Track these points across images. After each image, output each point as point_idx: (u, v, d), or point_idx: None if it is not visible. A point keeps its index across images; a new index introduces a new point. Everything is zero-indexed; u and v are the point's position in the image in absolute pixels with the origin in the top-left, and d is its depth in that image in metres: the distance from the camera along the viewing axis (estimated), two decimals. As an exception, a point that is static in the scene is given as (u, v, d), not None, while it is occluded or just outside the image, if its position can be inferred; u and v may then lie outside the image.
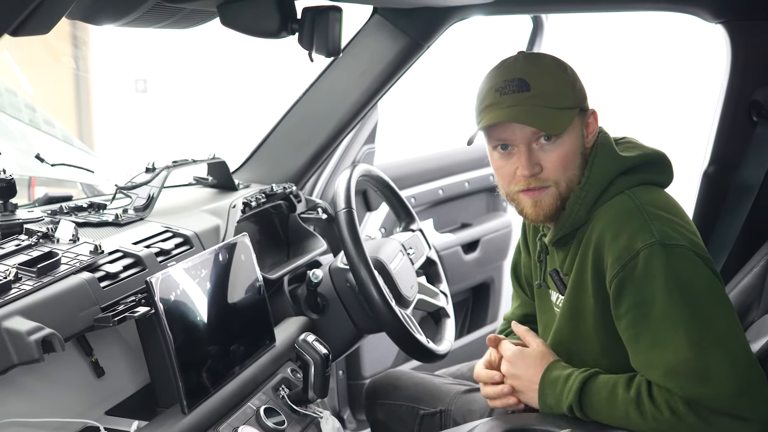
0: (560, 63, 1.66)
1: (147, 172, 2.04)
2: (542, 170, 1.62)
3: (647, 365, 1.53)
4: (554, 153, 1.61)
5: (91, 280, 1.52)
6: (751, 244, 2.06)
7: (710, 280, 1.53)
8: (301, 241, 2.39)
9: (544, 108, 1.59)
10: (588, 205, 1.62)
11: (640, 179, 1.63)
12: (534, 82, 1.60)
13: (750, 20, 2.20)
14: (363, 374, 2.86)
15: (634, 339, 1.54)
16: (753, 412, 1.45)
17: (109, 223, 1.88)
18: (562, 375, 1.61)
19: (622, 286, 1.53)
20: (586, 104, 1.67)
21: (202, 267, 1.68)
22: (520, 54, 1.67)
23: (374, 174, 2.31)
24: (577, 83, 1.66)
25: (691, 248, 1.53)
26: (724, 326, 1.50)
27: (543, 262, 1.79)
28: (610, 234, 1.56)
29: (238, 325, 1.78)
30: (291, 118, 2.54)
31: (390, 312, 2.00)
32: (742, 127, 2.25)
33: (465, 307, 3.47)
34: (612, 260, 1.54)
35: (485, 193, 3.48)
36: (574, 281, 1.65)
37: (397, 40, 2.39)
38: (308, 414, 1.80)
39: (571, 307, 1.67)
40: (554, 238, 1.69)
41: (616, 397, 1.54)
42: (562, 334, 1.71)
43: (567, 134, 1.61)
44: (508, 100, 1.60)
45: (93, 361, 1.58)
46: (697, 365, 1.46)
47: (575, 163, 1.63)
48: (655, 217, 1.55)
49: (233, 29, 1.66)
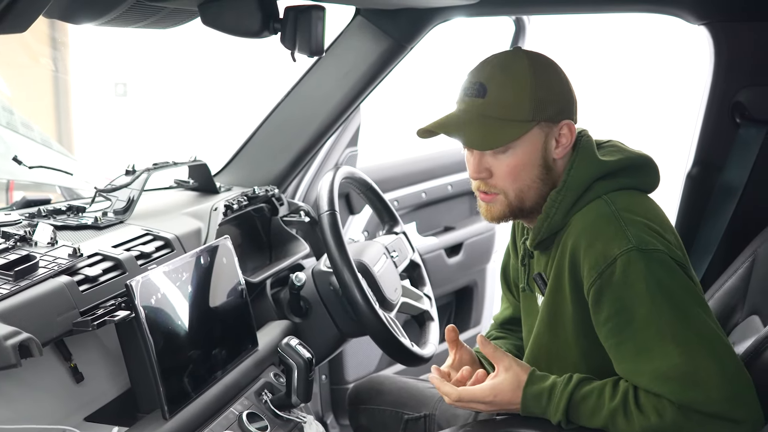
0: (537, 70, 1.58)
1: (127, 174, 2.01)
2: (491, 176, 1.61)
3: (634, 372, 1.51)
4: (504, 162, 1.59)
5: (70, 283, 1.50)
6: (734, 245, 2.06)
7: (689, 285, 1.52)
8: (283, 244, 2.38)
9: (492, 119, 1.57)
10: (564, 209, 1.60)
11: (620, 184, 1.61)
12: (492, 89, 1.57)
13: (733, 21, 2.21)
14: (346, 378, 2.84)
15: (618, 346, 1.52)
16: (744, 413, 1.44)
17: (88, 226, 1.85)
18: (543, 388, 1.58)
19: (600, 293, 1.51)
20: (560, 117, 1.60)
21: (184, 270, 1.66)
22: (508, 51, 1.64)
23: (357, 176, 2.30)
24: (547, 93, 1.58)
25: (667, 253, 1.51)
26: (708, 330, 1.49)
27: (527, 266, 1.77)
28: (585, 240, 1.54)
29: (220, 329, 1.76)
30: (273, 120, 2.52)
31: (374, 315, 1.98)
32: (726, 128, 2.25)
33: (448, 310, 3.46)
34: (588, 267, 1.52)
35: (468, 197, 3.47)
36: (552, 287, 1.63)
37: (380, 42, 2.37)
38: (291, 419, 1.78)
39: (550, 313, 1.66)
40: (534, 242, 1.67)
41: (602, 404, 1.52)
42: (542, 338, 1.70)
43: (521, 146, 1.58)
44: (464, 104, 1.60)
45: (72, 367, 1.55)
46: (687, 370, 1.45)
47: (529, 175, 1.60)
48: (630, 223, 1.53)
49: (214, 29, 1.64)
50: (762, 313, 1.83)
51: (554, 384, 1.57)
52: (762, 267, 1.90)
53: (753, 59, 2.21)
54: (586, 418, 1.54)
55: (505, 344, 1.92)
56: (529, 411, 1.59)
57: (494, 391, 1.60)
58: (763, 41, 2.19)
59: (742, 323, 1.89)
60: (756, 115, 2.21)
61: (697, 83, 2.32)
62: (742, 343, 1.76)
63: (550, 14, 2.87)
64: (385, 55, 2.39)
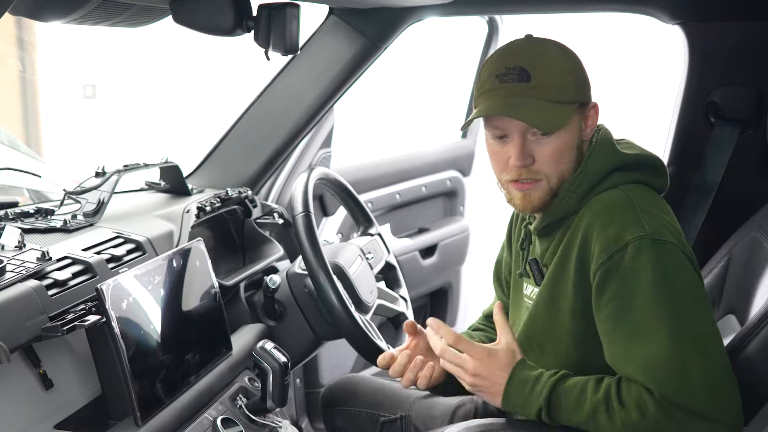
0: (567, 53, 1.62)
1: (97, 176, 1.97)
2: (534, 162, 1.59)
3: (624, 357, 1.51)
4: (548, 146, 1.58)
5: (38, 288, 1.46)
6: (710, 245, 2.07)
7: (695, 281, 1.53)
8: (257, 246, 2.35)
9: (543, 102, 1.55)
10: (580, 194, 1.61)
11: (636, 178, 1.62)
12: (535, 73, 1.56)
13: (707, 21, 2.22)
14: (321, 382, 2.82)
15: (612, 330, 1.53)
16: (723, 413, 1.44)
17: (57, 229, 1.81)
18: (530, 376, 1.58)
19: (606, 276, 1.52)
20: (588, 96, 1.63)
21: (155, 273, 1.63)
22: (526, 38, 1.64)
23: (332, 177, 2.28)
24: (581, 75, 1.62)
25: (679, 246, 1.52)
26: (704, 327, 1.49)
27: (525, 250, 1.77)
28: (599, 224, 1.55)
29: (193, 333, 1.73)
30: (246, 121, 2.50)
31: (349, 318, 1.97)
32: (700, 128, 2.26)
33: (423, 312, 3.45)
34: (599, 250, 1.53)
35: (442, 198, 3.47)
36: (554, 270, 1.63)
37: (354, 41, 2.36)
38: (267, 424, 1.75)
39: (547, 297, 1.65)
40: (540, 225, 1.67)
41: (585, 399, 1.52)
42: (535, 324, 1.68)
43: (565, 128, 1.58)
44: (507, 89, 1.57)
45: (41, 373, 1.51)
46: (674, 362, 1.45)
47: (569, 157, 1.61)
48: (647, 212, 1.54)
49: (186, 27, 1.61)
50: (738, 312, 1.84)
51: (541, 374, 1.58)
52: (737, 266, 1.91)
53: (727, 59, 2.22)
54: (568, 411, 1.54)
55: (480, 335, 1.92)
56: (511, 398, 1.58)
57: (489, 354, 1.59)
58: (737, 41, 2.20)
59: (719, 323, 1.89)
60: (730, 114, 2.22)
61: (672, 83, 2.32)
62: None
63: (524, 14, 2.87)
64: (359, 54, 2.37)
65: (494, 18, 3.23)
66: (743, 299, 1.81)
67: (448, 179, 3.41)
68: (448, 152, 3.39)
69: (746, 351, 1.58)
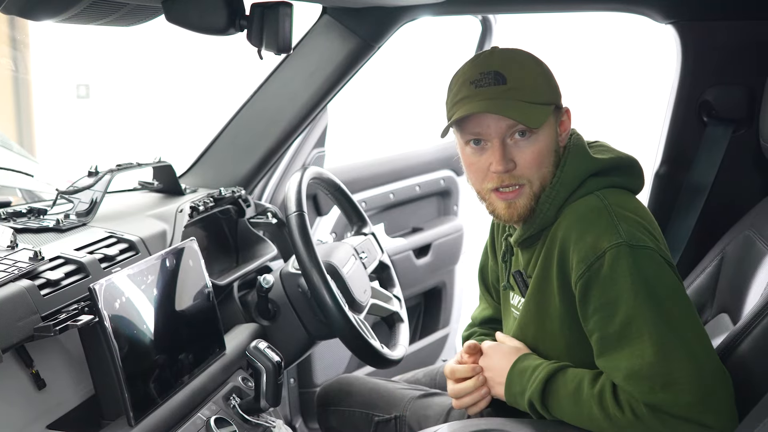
0: (536, 59, 1.64)
1: (89, 176, 1.97)
2: (516, 167, 1.59)
3: (611, 367, 1.51)
4: (529, 149, 1.58)
5: (31, 287, 1.46)
6: (703, 244, 2.07)
7: (675, 284, 1.52)
8: (250, 246, 2.35)
9: (521, 102, 1.56)
10: (557, 204, 1.60)
11: (611, 182, 1.61)
12: (511, 76, 1.57)
13: (699, 20, 2.22)
14: (315, 381, 2.81)
15: (600, 340, 1.52)
16: (714, 419, 1.43)
17: (49, 229, 1.80)
18: (531, 365, 1.60)
19: (588, 286, 1.51)
20: (561, 101, 1.64)
21: (149, 273, 1.63)
22: (496, 48, 1.64)
23: (325, 177, 2.27)
24: (552, 79, 1.63)
25: (657, 251, 1.51)
26: (690, 331, 1.48)
27: (508, 263, 1.76)
28: (575, 233, 1.54)
29: (186, 333, 1.73)
30: (239, 120, 2.49)
31: (343, 317, 1.96)
32: (693, 127, 2.26)
33: (417, 312, 3.44)
34: (577, 260, 1.52)
35: (436, 197, 3.47)
36: (537, 280, 1.63)
37: (347, 41, 2.35)
38: (260, 423, 1.75)
39: (534, 306, 1.65)
40: (521, 238, 1.66)
41: (581, 392, 1.53)
42: (525, 333, 1.69)
43: (542, 131, 1.58)
44: (484, 93, 1.57)
45: (33, 373, 1.51)
46: (660, 370, 1.44)
47: (549, 161, 1.61)
48: (622, 218, 1.53)
49: (179, 26, 1.61)
50: (731, 311, 1.84)
51: (540, 363, 1.60)
52: (730, 265, 1.91)
53: (720, 58, 2.22)
54: (563, 403, 1.54)
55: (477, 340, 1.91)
56: (511, 386, 1.62)
57: (497, 347, 1.68)
58: (730, 40, 2.20)
59: (712, 321, 1.89)
60: (723, 113, 2.22)
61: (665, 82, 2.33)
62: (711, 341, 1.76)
63: (517, 13, 2.87)
64: (352, 54, 2.37)
65: (488, 18, 3.23)
66: (736, 298, 1.81)
67: (441, 179, 3.41)
68: (441, 152, 3.38)
69: (739, 350, 1.58)
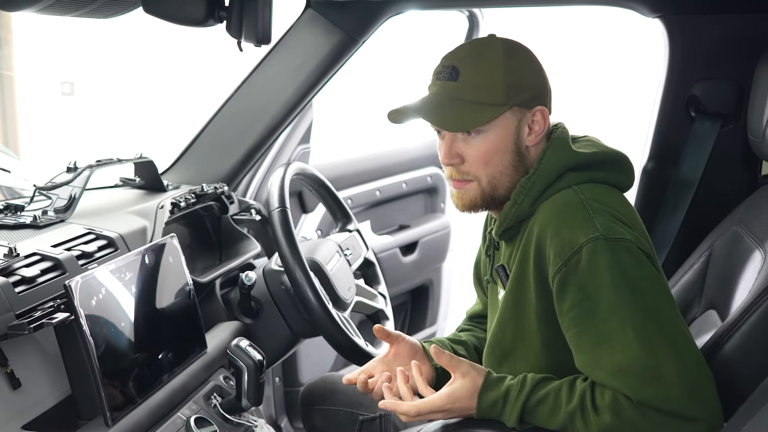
0: (513, 55, 1.58)
1: (68, 171, 1.94)
2: (463, 162, 1.60)
3: (593, 364, 1.48)
4: (476, 147, 1.58)
5: (5, 284, 1.43)
6: (690, 240, 2.06)
7: (656, 276, 1.50)
8: (233, 243, 2.32)
9: (464, 102, 1.55)
10: (533, 197, 1.58)
11: (592, 177, 1.59)
12: (464, 72, 1.56)
13: (686, 14, 2.20)
14: (300, 380, 2.79)
15: (578, 337, 1.49)
16: (703, 411, 1.41)
17: (26, 225, 1.77)
18: (499, 395, 1.54)
19: (564, 281, 1.48)
20: (533, 103, 1.59)
21: (127, 270, 1.60)
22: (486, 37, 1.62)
23: (309, 173, 2.25)
24: (522, 79, 1.57)
25: (635, 242, 1.49)
26: (672, 324, 1.46)
27: (491, 257, 1.74)
28: (551, 228, 1.52)
29: (166, 330, 1.70)
30: (222, 116, 2.46)
31: (327, 315, 1.94)
32: (680, 122, 2.24)
33: (404, 309, 3.43)
34: (554, 255, 1.50)
35: (423, 194, 3.45)
36: (515, 275, 1.61)
37: (332, 35, 2.33)
38: (242, 423, 1.72)
39: (512, 302, 1.62)
40: (499, 230, 1.64)
41: (559, 407, 1.49)
42: (504, 330, 1.66)
43: (493, 130, 1.57)
44: (437, 87, 1.59)
45: (8, 372, 1.47)
46: (647, 364, 1.42)
47: (502, 161, 1.59)
48: (598, 211, 1.51)
49: (157, 17, 1.58)
50: (719, 307, 1.83)
51: (508, 389, 1.53)
52: (718, 261, 1.89)
53: (707, 52, 2.20)
54: (544, 420, 1.51)
55: (468, 336, 1.90)
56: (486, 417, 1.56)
57: (452, 399, 1.56)
58: (717, 34, 2.18)
59: (700, 318, 1.88)
60: (710, 108, 2.21)
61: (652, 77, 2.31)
62: (699, 338, 1.75)
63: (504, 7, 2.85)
64: (336, 48, 2.34)
65: (475, 14, 3.20)
66: (724, 294, 1.80)
67: (428, 176, 3.39)
68: (428, 148, 3.37)
69: (727, 346, 1.56)
